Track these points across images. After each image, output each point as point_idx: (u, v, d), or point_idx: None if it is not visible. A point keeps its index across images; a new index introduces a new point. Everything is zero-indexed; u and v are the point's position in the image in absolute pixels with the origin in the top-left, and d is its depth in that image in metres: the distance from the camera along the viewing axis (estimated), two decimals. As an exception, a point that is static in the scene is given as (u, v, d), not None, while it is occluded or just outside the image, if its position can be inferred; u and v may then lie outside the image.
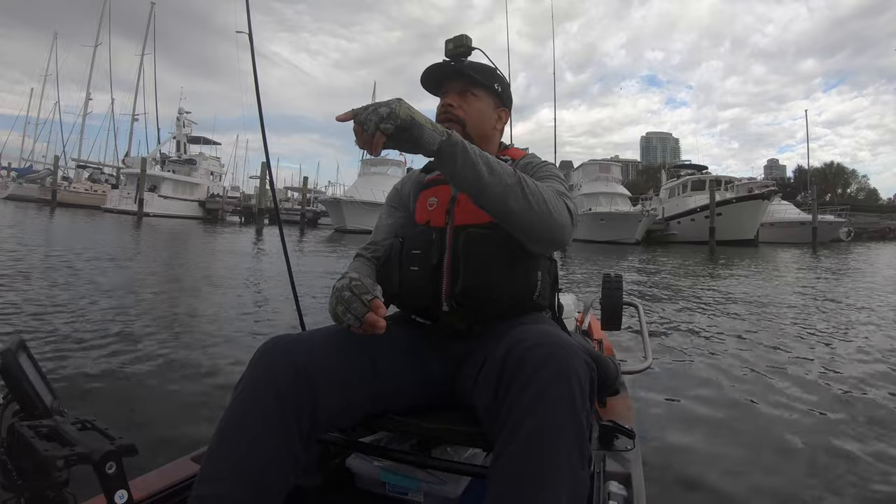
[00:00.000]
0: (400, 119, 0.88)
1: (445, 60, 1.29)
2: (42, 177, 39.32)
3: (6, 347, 0.73)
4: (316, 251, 11.82)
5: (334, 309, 1.01)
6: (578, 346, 0.93)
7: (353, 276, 1.03)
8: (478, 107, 1.29)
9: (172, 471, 1.13)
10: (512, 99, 1.38)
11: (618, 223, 25.61)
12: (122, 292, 5.60)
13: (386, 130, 0.88)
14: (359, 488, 1.29)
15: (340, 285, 1.02)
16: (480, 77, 1.28)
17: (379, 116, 0.87)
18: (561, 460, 0.81)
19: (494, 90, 1.31)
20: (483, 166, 0.96)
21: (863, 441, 2.45)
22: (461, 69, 1.27)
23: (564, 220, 1.04)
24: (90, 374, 2.98)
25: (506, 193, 0.97)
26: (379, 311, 0.99)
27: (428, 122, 0.93)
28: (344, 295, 1.00)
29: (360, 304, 0.98)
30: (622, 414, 1.46)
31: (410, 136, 0.91)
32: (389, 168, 31.90)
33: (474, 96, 1.29)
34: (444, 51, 1.28)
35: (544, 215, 1.01)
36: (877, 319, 5.91)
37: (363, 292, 0.99)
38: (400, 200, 1.39)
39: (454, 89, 1.28)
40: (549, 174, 1.20)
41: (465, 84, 1.28)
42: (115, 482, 0.71)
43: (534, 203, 0.99)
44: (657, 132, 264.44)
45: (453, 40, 1.27)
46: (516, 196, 0.98)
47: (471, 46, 1.27)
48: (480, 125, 1.29)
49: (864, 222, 40.36)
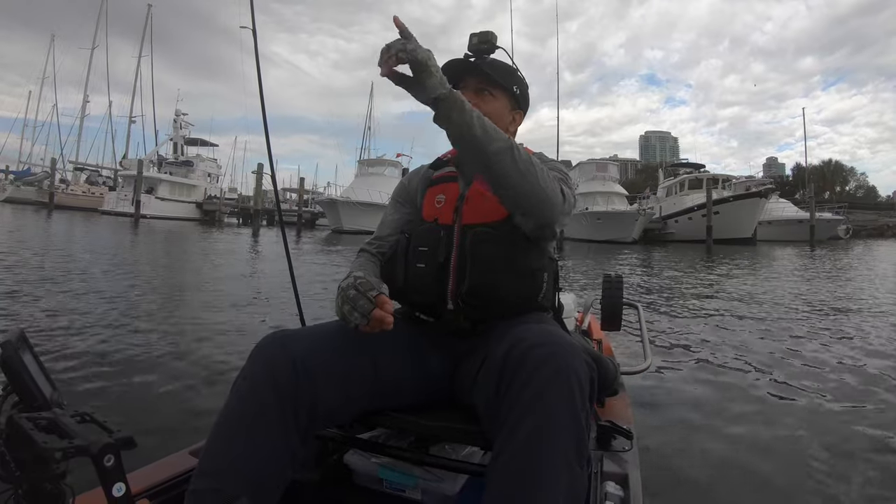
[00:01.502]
0: (417, 57, 0.91)
1: (467, 55, 1.25)
2: (39, 179, 39.16)
3: (6, 339, 0.74)
4: (311, 259, 11.72)
5: (341, 309, 1.01)
6: (579, 346, 0.94)
7: (358, 274, 1.03)
8: (493, 106, 1.25)
9: (170, 464, 1.13)
10: (529, 102, 1.35)
11: (614, 222, 25.59)
12: (109, 296, 5.59)
13: (402, 56, 0.91)
14: (357, 484, 1.29)
15: (346, 284, 1.02)
16: (498, 77, 1.25)
17: (403, 45, 0.91)
18: (559, 460, 0.82)
19: (512, 91, 1.28)
20: (478, 127, 0.96)
21: (873, 441, 2.45)
22: (480, 66, 1.24)
23: (556, 197, 1.06)
24: (89, 369, 2.98)
25: (498, 154, 0.97)
26: (385, 307, 0.98)
27: (439, 74, 0.94)
28: (349, 293, 1.00)
29: (367, 301, 0.98)
30: (621, 414, 1.46)
31: (419, 76, 0.93)
32: (386, 168, 31.92)
33: (491, 96, 1.26)
34: (468, 44, 1.24)
35: (535, 186, 1.01)
36: (869, 317, 5.92)
37: (368, 289, 0.99)
38: (406, 196, 1.38)
39: (471, 86, 1.25)
40: (552, 167, 1.20)
41: (482, 82, 1.25)
42: (113, 475, 0.71)
43: (525, 171, 0.99)
44: (656, 131, 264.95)
45: (478, 35, 1.23)
46: (508, 159, 0.98)
47: (495, 44, 1.23)
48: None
49: (863, 219, 40.43)
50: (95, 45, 47.27)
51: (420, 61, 0.92)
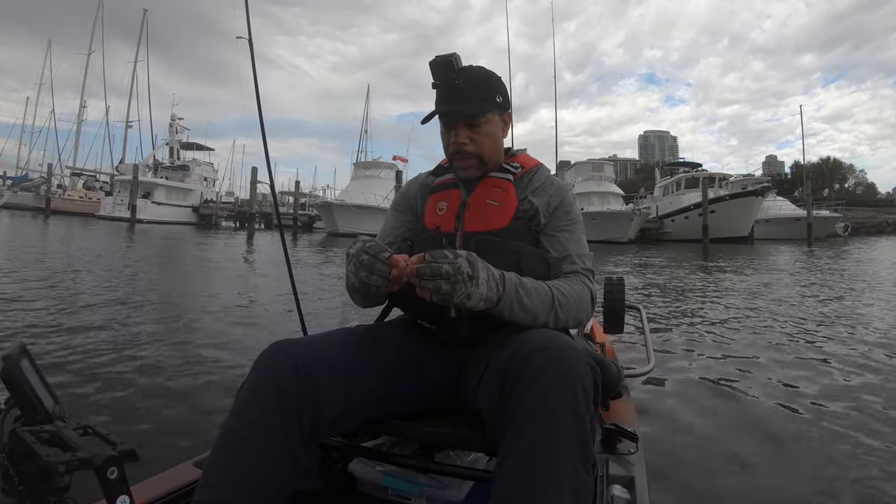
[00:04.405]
0: (454, 301, 0.96)
1: (437, 84, 1.21)
2: (36, 185, 39.14)
3: (7, 353, 0.73)
4: (305, 258, 11.63)
5: (357, 275, 1.02)
6: (582, 350, 0.94)
7: (365, 237, 1.04)
8: (489, 131, 1.24)
9: (174, 476, 1.13)
10: (509, 95, 1.32)
11: (610, 222, 25.61)
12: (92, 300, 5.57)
13: (435, 299, 0.96)
14: (361, 493, 1.29)
15: (355, 250, 1.02)
16: (485, 104, 1.23)
17: (437, 289, 0.94)
18: (565, 464, 0.81)
19: (497, 103, 1.25)
20: (529, 313, 1.05)
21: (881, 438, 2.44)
22: (466, 111, 1.20)
23: (586, 316, 1.16)
24: (92, 382, 2.97)
25: (543, 321, 1.07)
26: (399, 265, 0.98)
27: (478, 290, 0.97)
28: (363, 258, 1.00)
29: (381, 264, 0.99)
30: (625, 417, 1.45)
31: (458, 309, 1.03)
32: (382, 171, 31.99)
33: (485, 122, 1.23)
34: (432, 73, 1.20)
35: (578, 323, 1.14)
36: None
37: (380, 251, 1.00)
38: (406, 204, 1.37)
39: (463, 127, 1.22)
40: (572, 222, 1.25)
41: (472, 117, 1.22)
42: (116, 487, 0.70)
43: (564, 320, 1.10)
44: (655, 131, 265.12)
45: (441, 69, 1.19)
46: (552, 321, 1.08)
47: (462, 70, 1.19)
48: (494, 147, 1.26)
49: (862, 217, 40.56)
50: (92, 50, 47.32)
51: (447, 298, 0.95)
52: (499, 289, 1.00)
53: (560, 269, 1.19)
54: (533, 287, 1.06)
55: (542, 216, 1.23)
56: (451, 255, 0.95)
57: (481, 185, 1.25)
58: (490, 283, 0.98)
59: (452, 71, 1.19)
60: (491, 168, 1.27)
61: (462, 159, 1.24)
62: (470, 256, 0.96)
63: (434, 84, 1.22)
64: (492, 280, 0.99)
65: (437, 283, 0.93)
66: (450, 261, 0.94)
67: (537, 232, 1.23)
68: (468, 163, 1.24)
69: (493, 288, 0.99)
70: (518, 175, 1.27)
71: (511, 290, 1.02)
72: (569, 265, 1.19)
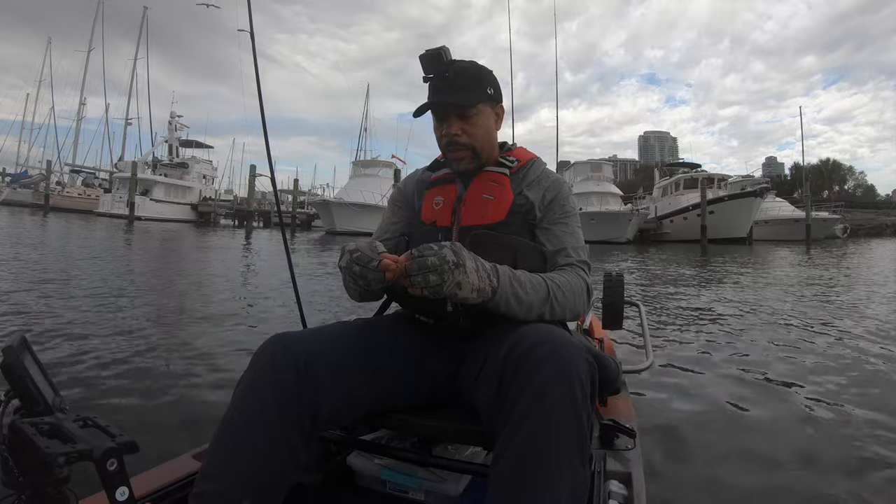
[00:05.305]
0: (444, 291, 0.94)
1: (428, 77, 1.22)
2: (36, 182, 39.07)
3: (8, 344, 0.73)
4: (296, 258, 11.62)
5: (355, 287, 1.04)
6: (580, 345, 0.94)
7: (351, 247, 1.03)
8: (481, 122, 1.24)
9: (174, 468, 1.13)
10: (500, 88, 1.31)
11: (608, 223, 25.61)
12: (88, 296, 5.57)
13: (426, 294, 0.95)
14: (359, 486, 1.29)
15: (345, 263, 1.02)
16: (476, 95, 1.23)
17: (426, 282, 0.93)
18: (562, 458, 0.82)
19: (488, 95, 1.25)
20: (524, 306, 1.05)
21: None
22: (457, 102, 1.21)
23: (583, 309, 1.16)
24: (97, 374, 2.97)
25: (538, 313, 1.07)
26: (390, 268, 0.98)
27: (469, 280, 0.96)
28: (354, 270, 1.00)
29: (373, 272, 0.98)
30: (623, 413, 1.45)
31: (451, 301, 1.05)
32: (381, 169, 31.97)
33: (476, 113, 1.23)
34: (422, 66, 1.21)
35: (574, 314, 1.14)
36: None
37: (368, 261, 0.99)
38: (403, 200, 1.37)
39: (455, 118, 1.22)
40: (567, 215, 1.25)
41: (464, 109, 1.22)
42: (116, 479, 0.70)
43: (560, 312, 1.10)
44: (655, 131, 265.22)
45: (430, 62, 1.20)
46: (547, 314, 1.08)
47: (451, 62, 1.21)
48: (487, 138, 1.26)
49: (861, 219, 40.64)
50: (92, 48, 47.28)
51: (438, 290, 0.94)
52: (492, 280, 0.99)
53: (556, 262, 1.19)
54: (527, 279, 1.06)
55: (538, 210, 1.23)
56: (435, 247, 0.94)
57: (477, 180, 1.25)
58: (480, 273, 0.97)
59: (442, 63, 1.20)
60: (485, 161, 1.27)
61: (455, 150, 1.24)
62: (454, 246, 0.96)
63: (425, 78, 1.22)
64: (482, 271, 0.98)
65: (426, 276, 0.92)
66: (434, 252, 0.93)
67: (533, 226, 1.23)
68: (461, 154, 1.24)
69: (484, 279, 0.98)
70: (514, 169, 1.27)
71: (505, 282, 1.01)
72: (564, 258, 1.19)
